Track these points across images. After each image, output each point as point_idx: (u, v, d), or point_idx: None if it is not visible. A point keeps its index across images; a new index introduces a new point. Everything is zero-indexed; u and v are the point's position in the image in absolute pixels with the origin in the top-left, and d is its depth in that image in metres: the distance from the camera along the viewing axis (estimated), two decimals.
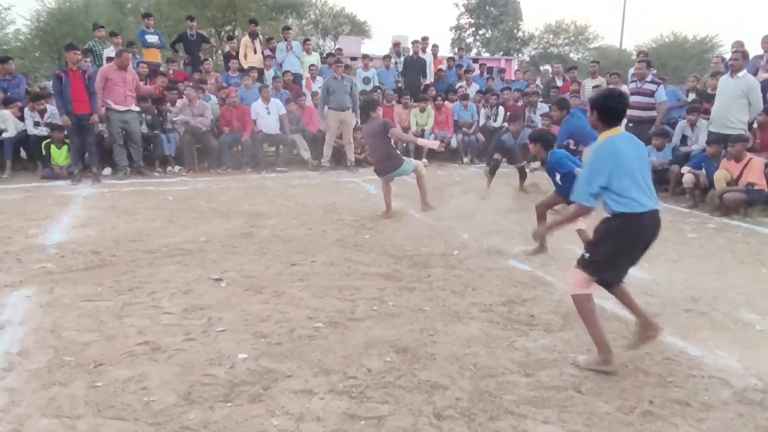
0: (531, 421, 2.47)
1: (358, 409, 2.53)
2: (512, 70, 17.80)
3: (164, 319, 3.42)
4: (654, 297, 3.95)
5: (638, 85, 8.26)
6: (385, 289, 4.01)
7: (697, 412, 2.57)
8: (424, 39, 12.09)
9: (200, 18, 20.97)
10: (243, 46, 10.98)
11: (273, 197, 7.13)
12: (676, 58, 30.49)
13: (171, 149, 9.01)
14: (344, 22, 39.27)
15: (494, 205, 6.78)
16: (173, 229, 5.47)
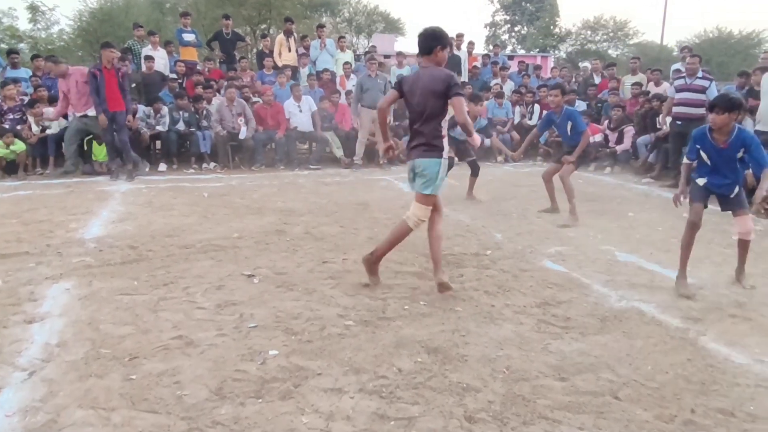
0: (566, 427, 2.39)
1: (388, 409, 2.50)
2: (548, 67, 17.49)
3: (197, 314, 3.46)
4: (698, 302, 3.81)
5: (688, 81, 7.95)
6: (417, 288, 3.98)
7: (742, 422, 2.45)
8: (458, 36, 11.98)
9: (236, 16, 21.25)
10: (278, 44, 11.08)
11: (305, 195, 7.17)
12: (721, 54, 29.48)
13: (206, 146, 9.15)
14: (378, 20, 39.31)
15: (528, 205, 6.67)
16: (207, 225, 5.54)
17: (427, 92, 3.63)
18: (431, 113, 3.67)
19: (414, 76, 3.75)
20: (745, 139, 3.86)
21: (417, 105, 3.69)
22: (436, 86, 3.61)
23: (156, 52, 10.32)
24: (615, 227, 5.76)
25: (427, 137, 3.72)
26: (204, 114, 9.36)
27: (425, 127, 3.70)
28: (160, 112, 9.05)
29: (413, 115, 3.77)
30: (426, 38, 3.72)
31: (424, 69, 3.73)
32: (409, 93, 3.72)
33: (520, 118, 10.88)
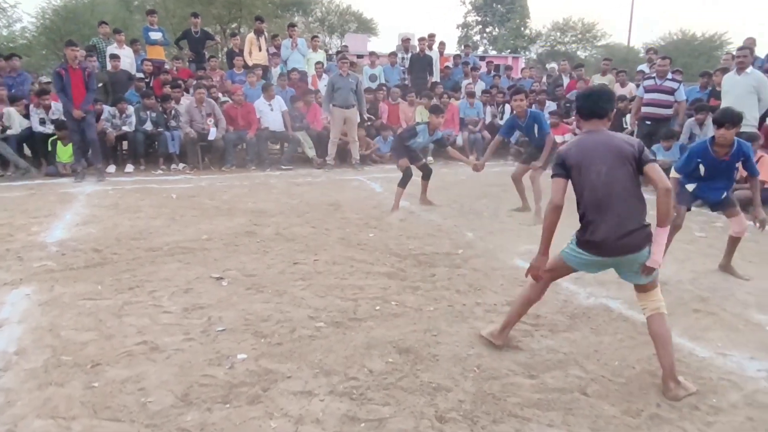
0: (535, 425, 2.41)
1: (358, 411, 2.48)
2: (519, 67, 17.69)
3: (164, 319, 3.38)
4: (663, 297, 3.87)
5: (658, 82, 8.11)
6: (388, 288, 3.96)
7: (706, 415, 2.50)
8: (430, 36, 12.03)
9: (205, 15, 20.92)
10: (248, 43, 10.95)
11: (277, 195, 7.09)
12: (685, 55, 30.18)
13: (175, 147, 8.99)
14: (350, 20, 39.19)
15: (499, 204, 6.72)
16: (175, 227, 5.43)
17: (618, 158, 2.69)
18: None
19: (586, 144, 2.77)
20: (746, 152, 4.02)
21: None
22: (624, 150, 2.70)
23: (122, 51, 10.10)
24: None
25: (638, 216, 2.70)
26: (172, 114, 9.19)
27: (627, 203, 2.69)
28: (125, 112, 8.86)
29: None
30: (600, 99, 2.83)
31: (596, 133, 2.79)
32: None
33: (491, 118, 10.97)
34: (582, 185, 2.72)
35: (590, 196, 2.70)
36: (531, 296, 3.03)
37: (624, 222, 2.65)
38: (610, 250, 2.69)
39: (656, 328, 2.72)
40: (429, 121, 6.34)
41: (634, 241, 2.66)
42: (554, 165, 2.82)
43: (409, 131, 6.36)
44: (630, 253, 2.67)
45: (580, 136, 2.87)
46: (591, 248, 2.73)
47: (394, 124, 10.34)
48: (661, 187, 2.61)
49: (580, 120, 2.93)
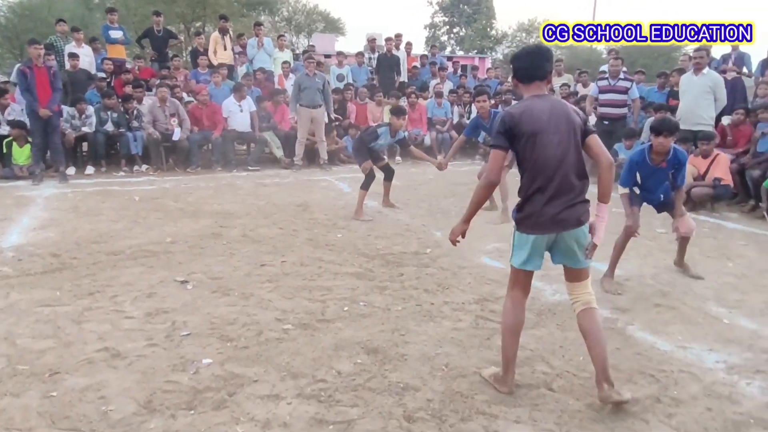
0: (502, 421, 2.42)
1: (326, 413, 2.46)
2: (485, 68, 17.88)
3: (125, 324, 3.29)
4: (625, 293, 3.96)
5: (611, 82, 8.33)
6: (356, 288, 3.94)
7: (667, 407, 2.56)
8: (397, 36, 12.04)
9: (168, 13, 20.57)
10: (212, 42, 10.78)
11: (243, 196, 7.00)
12: (646, 56, 30.99)
13: (138, 148, 8.78)
14: (318, 20, 39.05)
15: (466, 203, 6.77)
16: (138, 230, 5.31)
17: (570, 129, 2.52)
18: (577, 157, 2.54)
19: (538, 110, 2.52)
20: (681, 159, 4.01)
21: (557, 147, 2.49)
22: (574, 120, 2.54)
23: (81, 50, 9.81)
24: None
25: (582, 191, 2.58)
26: (134, 114, 8.99)
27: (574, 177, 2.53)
28: (85, 113, 8.61)
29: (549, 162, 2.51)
30: (540, 58, 2.61)
31: (543, 99, 2.58)
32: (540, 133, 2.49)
33: (459, 118, 11.05)
34: (533, 157, 2.49)
35: (539, 168, 2.49)
36: (508, 322, 2.68)
37: (568, 195, 2.50)
38: (550, 225, 2.50)
39: (588, 324, 2.55)
40: (390, 122, 6.19)
41: (575, 214, 2.51)
42: (497, 134, 2.54)
43: (371, 133, 6.20)
44: (571, 228, 2.50)
45: (527, 102, 2.57)
46: (533, 224, 2.54)
47: (362, 123, 10.32)
48: (605, 161, 2.53)
49: (519, 85, 2.65)
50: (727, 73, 8.14)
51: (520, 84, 2.64)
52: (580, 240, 2.55)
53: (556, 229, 2.52)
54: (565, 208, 2.49)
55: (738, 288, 4.11)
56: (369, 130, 6.33)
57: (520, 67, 2.63)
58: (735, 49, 8.85)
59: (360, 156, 6.25)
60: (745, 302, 3.83)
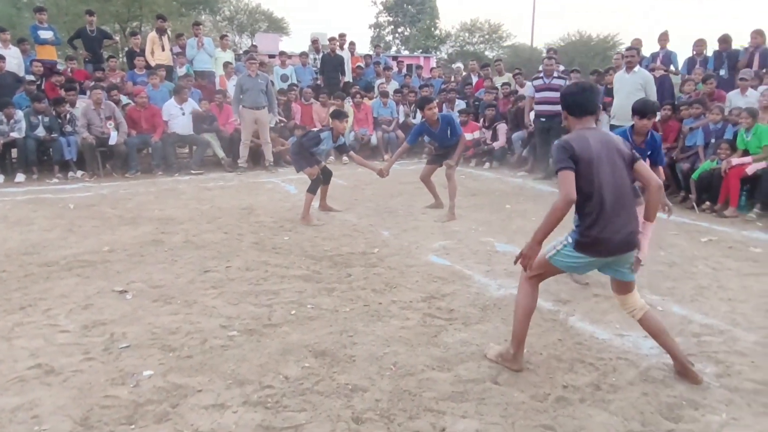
0: (450, 417, 2.46)
1: (273, 419, 2.42)
2: (429, 67, 18.08)
3: (60, 339, 3.15)
4: (566, 284, 4.09)
5: (546, 80, 8.61)
6: (303, 291, 3.91)
7: (606, 393, 2.66)
8: (341, 36, 12.03)
9: (103, 13, 19.79)
10: (149, 42, 10.45)
11: (186, 201, 6.81)
12: (582, 55, 32.12)
13: (72, 153, 8.40)
14: (261, 19, 38.46)
15: (414, 202, 6.83)
16: (73, 239, 5.08)
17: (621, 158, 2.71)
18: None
19: (592, 141, 2.67)
20: (657, 141, 4.34)
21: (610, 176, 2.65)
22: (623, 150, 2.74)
23: (7, 51, 9.31)
24: (494, 219, 6.06)
25: (636, 216, 2.78)
26: (67, 118, 8.59)
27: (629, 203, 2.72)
28: (13, 118, 8.16)
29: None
30: (594, 95, 2.83)
31: (594, 131, 2.75)
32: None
33: (404, 117, 11.12)
34: (594, 182, 2.61)
35: (601, 195, 2.61)
36: (525, 305, 2.85)
37: (630, 221, 2.68)
38: (614, 250, 2.66)
39: (653, 325, 2.78)
40: (332, 126, 6.04)
41: (634, 238, 2.71)
42: (561, 158, 2.60)
43: (312, 138, 5.95)
44: (630, 250, 2.70)
45: (580, 132, 2.72)
46: (594, 249, 2.66)
47: (308, 124, 10.24)
48: (654, 184, 2.76)
49: (570, 118, 2.81)
50: (656, 71, 8.52)
51: (572, 117, 2.80)
52: (630, 259, 2.76)
53: (615, 254, 2.69)
54: (629, 233, 2.67)
55: (669, 276, 4.31)
56: (310, 135, 6.05)
57: (576, 103, 2.78)
58: (663, 48, 9.28)
59: (301, 161, 5.97)
60: (676, 289, 4.03)
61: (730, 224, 5.94)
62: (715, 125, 7.01)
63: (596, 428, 2.39)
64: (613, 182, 2.64)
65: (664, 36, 9.22)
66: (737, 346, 3.16)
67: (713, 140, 6.94)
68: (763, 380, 2.77)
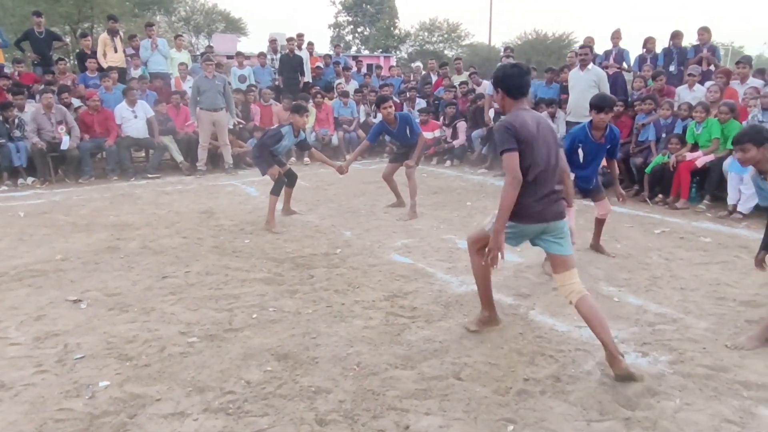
0: (413, 415, 2.47)
1: (235, 425, 2.39)
2: (388, 67, 18.13)
3: (10, 352, 3.03)
4: (526, 279, 4.16)
5: None
6: (265, 294, 3.87)
7: (566, 385, 2.72)
8: (299, 36, 11.92)
9: (51, 14, 19.10)
10: (101, 44, 10.14)
11: (142, 206, 6.64)
12: (539, 53, 32.72)
13: (21, 159, 8.08)
14: (218, 20, 37.84)
15: (376, 201, 6.83)
16: (24, 249, 4.89)
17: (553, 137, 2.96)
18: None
19: (529, 121, 2.85)
20: (616, 134, 4.48)
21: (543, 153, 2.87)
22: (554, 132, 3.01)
23: None
24: (455, 216, 6.12)
25: (561, 191, 3.04)
26: (16, 123, 8.26)
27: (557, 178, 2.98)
28: None
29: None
30: (528, 77, 2.99)
31: (529, 111, 2.94)
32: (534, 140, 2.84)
33: (365, 117, 11.12)
34: (531, 160, 2.80)
35: (535, 171, 2.82)
36: (481, 272, 3.15)
37: (557, 192, 2.94)
38: (542, 216, 2.87)
39: (588, 310, 2.79)
40: (292, 121, 5.85)
41: (561, 207, 2.95)
42: (507, 140, 2.76)
43: (273, 136, 5.79)
44: (558, 219, 2.90)
45: (518, 113, 2.87)
46: (523, 216, 2.85)
47: (267, 125, 10.11)
48: (567, 172, 3.18)
49: (507, 99, 2.93)
50: (609, 68, 8.74)
51: (509, 99, 2.93)
52: (562, 229, 2.92)
53: (543, 221, 2.88)
54: (552, 200, 2.90)
55: (625, 267, 4.44)
56: (270, 133, 5.84)
57: (515, 85, 2.90)
58: (615, 46, 9.53)
59: (263, 162, 5.78)
60: (631, 280, 4.15)
61: (681, 216, 6.15)
62: (665, 120, 7.25)
63: (556, 419, 2.44)
64: (547, 160, 2.85)
65: (616, 34, 9.45)
66: (689, 333, 3.27)
67: (664, 135, 7.17)
68: (714, 365, 2.88)
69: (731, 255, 4.75)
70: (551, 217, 2.88)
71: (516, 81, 2.90)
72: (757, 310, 3.54)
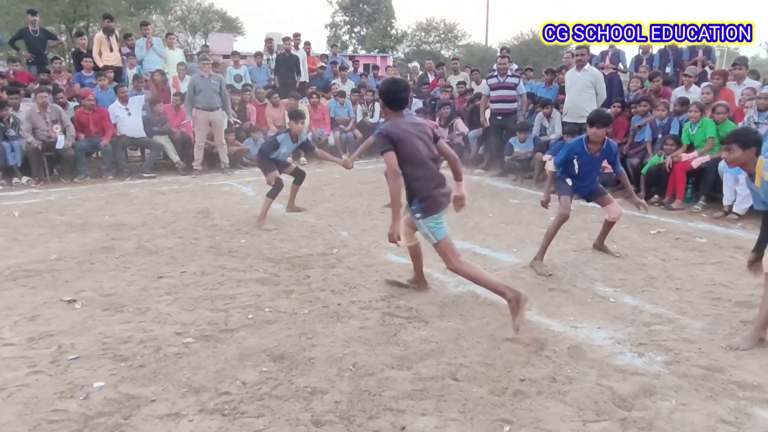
0: (409, 415, 2.46)
1: (230, 427, 2.38)
2: (385, 67, 18.14)
3: (4, 352, 3.01)
4: (523, 279, 4.16)
5: (500, 79, 8.74)
6: (261, 295, 3.85)
7: (562, 385, 2.71)
8: (296, 36, 11.90)
9: (47, 12, 19.04)
10: (97, 43, 10.11)
11: (138, 206, 6.62)
12: (536, 54, 32.79)
13: (16, 159, 8.05)
14: (214, 19, 37.82)
15: (373, 201, 6.82)
16: (18, 248, 4.87)
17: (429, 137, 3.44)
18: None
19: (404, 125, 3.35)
20: (613, 149, 4.44)
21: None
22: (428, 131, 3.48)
23: None
24: (451, 216, 6.01)
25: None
26: (11, 122, 8.22)
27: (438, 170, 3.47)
28: None
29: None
30: (407, 92, 3.48)
31: (406, 117, 3.46)
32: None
33: (362, 117, 11.11)
34: (414, 157, 3.29)
35: (420, 165, 3.31)
36: (474, 273, 3.40)
37: (444, 184, 3.43)
38: (443, 205, 3.40)
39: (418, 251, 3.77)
40: (289, 128, 5.96)
41: (449, 198, 3.47)
42: (383, 143, 3.24)
43: (269, 144, 5.91)
44: (446, 207, 3.44)
45: (395, 121, 3.35)
46: (436, 205, 3.36)
47: (263, 125, 10.12)
48: (452, 158, 3.54)
49: (387, 110, 3.42)
50: (605, 69, 8.76)
51: (389, 110, 3.40)
52: (446, 214, 3.45)
53: (443, 209, 3.39)
54: (445, 192, 3.41)
55: (621, 268, 4.44)
56: (268, 140, 5.99)
57: (395, 100, 3.38)
58: (611, 47, 9.55)
59: (263, 167, 5.93)
60: (627, 281, 4.15)
61: (677, 216, 6.16)
62: (661, 121, 7.26)
63: (552, 419, 2.43)
64: (427, 155, 3.35)
65: None
66: (685, 333, 3.28)
67: (660, 136, 7.19)
68: (710, 366, 2.89)
69: (727, 256, 4.76)
70: (445, 205, 3.42)
71: (394, 97, 3.38)
72: (752, 310, 3.54)
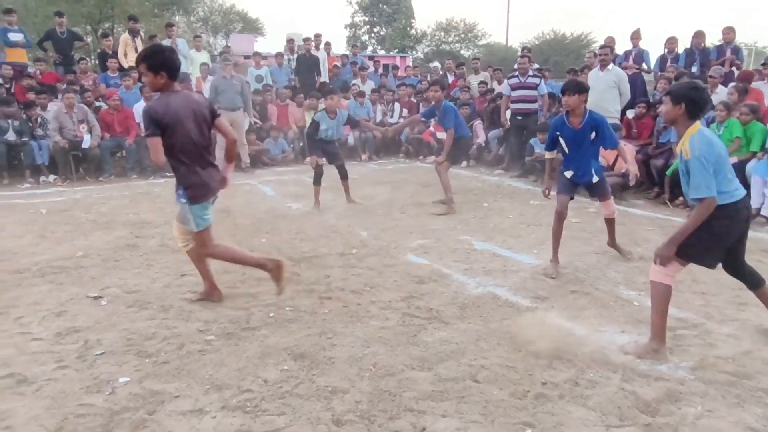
0: (430, 416, 2.46)
1: (252, 424, 2.40)
2: (404, 66, 18.13)
3: (33, 347, 3.08)
4: (542, 281, 4.13)
5: (521, 79, 8.68)
6: (282, 293, 3.87)
7: (584, 389, 2.69)
8: (316, 36, 11.96)
9: (73, 14, 19.44)
10: (122, 44, 10.28)
11: (161, 204, 6.71)
12: (557, 54, 32.48)
13: (44, 158, 8.22)
14: (235, 20, 38.13)
15: (392, 201, 6.83)
16: (46, 245, 4.97)
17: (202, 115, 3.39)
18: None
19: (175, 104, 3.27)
20: (596, 120, 4.32)
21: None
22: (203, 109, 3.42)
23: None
24: (472, 217, 6.09)
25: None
26: (39, 122, 8.41)
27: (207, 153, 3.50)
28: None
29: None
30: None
31: (178, 94, 3.31)
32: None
33: (381, 117, 11.12)
34: (178, 140, 3.23)
35: (190, 147, 3.28)
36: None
37: (215, 171, 3.49)
38: (213, 192, 3.47)
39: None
40: (325, 106, 6.41)
41: (218, 187, 3.53)
42: (147, 125, 3.16)
43: (311, 126, 6.40)
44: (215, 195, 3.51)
45: (166, 97, 3.23)
46: (205, 192, 3.39)
47: (284, 125, 10.18)
48: (230, 138, 3.54)
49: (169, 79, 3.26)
50: (628, 69, 8.64)
51: (171, 79, 3.24)
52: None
53: (213, 196, 3.48)
54: (215, 181, 3.46)
55: (645, 271, 4.35)
56: (309, 125, 6.49)
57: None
58: (635, 46, 9.41)
59: (310, 149, 6.56)
60: None
61: None
62: None
63: (575, 424, 2.41)
64: (198, 136, 3.30)
65: (636, 34, 9.34)
66: (711, 338, 3.22)
67: None
68: (736, 372, 2.83)
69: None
70: (215, 192, 3.46)
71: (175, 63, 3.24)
72: None
